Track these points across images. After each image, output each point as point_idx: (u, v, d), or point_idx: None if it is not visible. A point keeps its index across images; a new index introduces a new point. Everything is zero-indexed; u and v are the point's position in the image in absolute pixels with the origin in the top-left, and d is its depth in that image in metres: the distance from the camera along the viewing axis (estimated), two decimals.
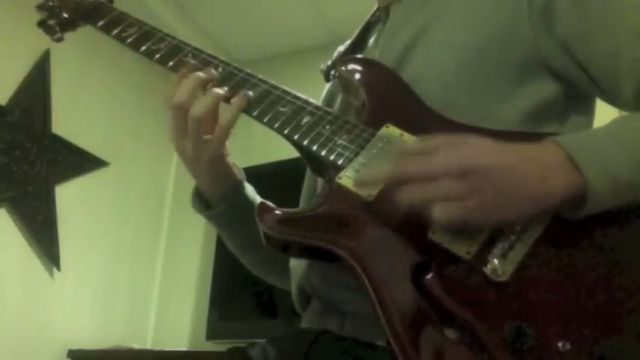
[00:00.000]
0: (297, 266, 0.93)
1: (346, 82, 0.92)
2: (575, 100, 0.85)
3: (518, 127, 0.81)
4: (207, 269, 2.96)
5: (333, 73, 1.01)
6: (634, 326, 0.62)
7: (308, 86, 1.03)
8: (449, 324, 0.63)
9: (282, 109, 0.87)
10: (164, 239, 3.22)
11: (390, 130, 0.80)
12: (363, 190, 0.75)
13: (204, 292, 2.92)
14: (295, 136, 0.84)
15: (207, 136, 0.88)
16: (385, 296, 0.66)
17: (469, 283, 0.66)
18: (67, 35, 1.12)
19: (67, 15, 1.09)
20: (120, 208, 2.98)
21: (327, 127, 0.83)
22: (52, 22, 1.10)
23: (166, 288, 3.12)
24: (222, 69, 0.94)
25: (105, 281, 2.85)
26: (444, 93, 0.84)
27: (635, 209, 0.68)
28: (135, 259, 3.03)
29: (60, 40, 1.12)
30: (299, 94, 0.90)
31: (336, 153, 0.80)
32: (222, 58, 0.96)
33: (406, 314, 0.65)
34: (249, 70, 0.94)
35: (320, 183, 0.97)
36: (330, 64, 1.02)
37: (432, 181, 0.63)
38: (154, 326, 3.06)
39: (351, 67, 0.92)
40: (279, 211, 0.77)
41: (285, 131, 0.85)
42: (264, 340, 0.90)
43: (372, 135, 0.80)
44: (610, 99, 0.82)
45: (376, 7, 1.04)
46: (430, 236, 0.68)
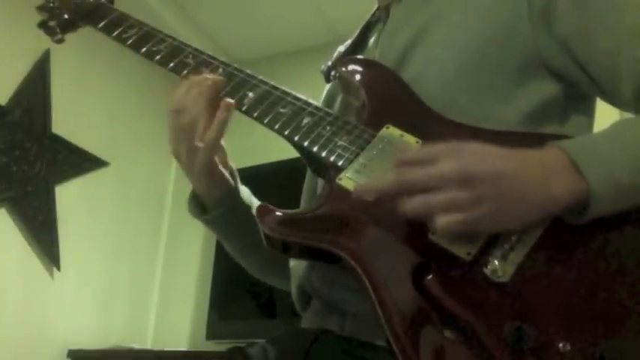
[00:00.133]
0: (298, 266, 0.93)
1: (346, 83, 0.92)
2: (576, 100, 0.85)
3: (518, 127, 0.80)
4: (207, 269, 2.96)
5: (333, 73, 1.01)
6: (634, 327, 0.62)
7: (308, 86, 1.03)
8: (449, 325, 0.63)
9: (282, 110, 0.87)
10: (164, 239, 3.21)
11: (391, 131, 0.80)
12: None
13: (204, 292, 2.92)
14: (295, 137, 0.84)
15: (200, 144, 0.88)
16: (385, 297, 0.66)
17: (469, 284, 0.66)
18: (68, 36, 1.12)
19: (67, 16, 1.09)
20: (120, 208, 2.98)
21: (328, 128, 0.83)
22: (52, 23, 1.11)
23: (166, 288, 3.12)
24: (222, 70, 0.94)
25: (105, 281, 2.85)
26: (444, 93, 0.84)
27: (635, 211, 0.68)
28: (135, 259, 3.03)
29: (61, 42, 1.12)
30: (299, 95, 0.90)
31: (337, 154, 0.80)
32: (222, 58, 0.97)
33: (406, 315, 0.65)
34: (249, 71, 0.94)
35: (320, 184, 0.97)
36: (331, 64, 1.02)
37: (433, 191, 0.63)
38: (154, 326, 3.06)
39: (351, 67, 0.92)
40: (279, 212, 0.77)
41: (286, 132, 0.85)
42: (264, 340, 0.90)
43: (373, 136, 0.80)
44: (610, 99, 0.82)
45: (376, 7, 1.04)
46: (430, 237, 0.68)
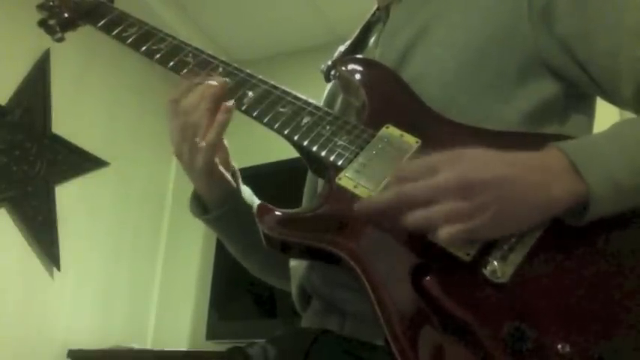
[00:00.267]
0: (298, 266, 0.93)
1: (346, 83, 0.92)
2: (576, 100, 0.85)
3: (518, 127, 0.80)
4: (207, 269, 2.96)
5: (333, 73, 1.01)
6: (633, 328, 0.62)
7: (308, 86, 1.03)
8: (448, 325, 0.63)
9: (282, 109, 0.87)
10: (164, 239, 3.21)
11: (390, 131, 0.80)
12: (361, 190, 0.75)
13: (204, 292, 2.92)
14: (295, 137, 0.84)
15: (202, 144, 0.87)
16: (384, 297, 0.65)
17: (468, 284, 0.66)
18: (68, 35, 1.12)
19: (67, 15, 1.09)
20: (120, 208, 2.98)
21: (327, 127, 0.83)
22: (52, 22, 1.11)
23: (166, 288, 3.12)
24: (222, 69, 0.94)
25: (105, 281, 2.85)
26: (444, 93, 0.84)
27: (635, 212, 0.67)
28: (135, 259, 3.03)
29: (61, 40, 1.12)
30: (299, 94, 0.90)
31: (336, 154, 0.80)
32: (223, 58, 0.97)
33: (405, 315, 0.65)
34: (249, 71, 0.94)
35: (321, 183, 0.97)
36: (331, 64, 1.02)
37: (434, 203, 0.63)
38: (154, 326, 3.06)
39: (351, 67, 0.92)
40: (278, 212, 0.77)
41: (285, 132, 0.85)
42: (264, 340, 0.90)
43: (372, 136, 0.80)
44: (611, 98, 0.82)
45: (376, 7, 1.04)
46: (430, 238, 0.68)
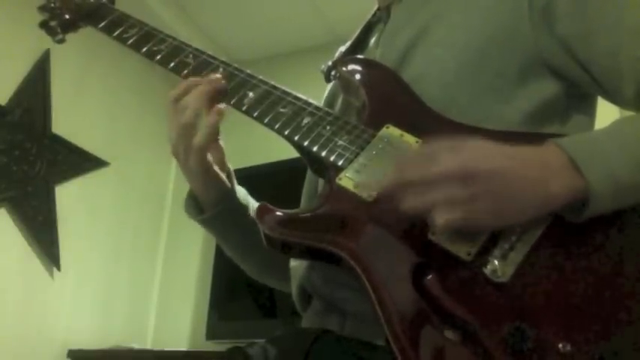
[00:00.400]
0: (298, 266, 0.93)
1: (347, 83, 0.92)
2: (577, 100, 0.85)
3: (519, 127, 0.80)
4: (207, 269, 2.96)
5: (333, 73, 1.01)
6: (634, 327, 0.62)
7: (308, 86, 1.03)
8: (449, 325, 0.63)
9: (282, 110, 0.87)
10: (164, 239, 3.21)
11: (391, 131, 0.80)
12: (363, 192, 0.75)
13: (204, 292, 2.92)
14: (295, 137, 0.84)
15: (194, 144, 0.87)
16: (385, 297, 0.66)
17: (469, 284, 0.66)
18: (68, 36, 1.12)
19: (68, 16, 1.09)
20: (120, 208, 2.98)
21: (328, 127, 0.83)
22: (53, 23, 1.10)
23: (166, 288, 3.12)
24: (222, 70, 0.94)
25: (105, 281, 2.85)
26: (444, 93, 0.84)
27: (636, 211, 0.68)
28: (135, 259, 3.03)
29: (62, 42, 1.12)
30: (299, 94, 0.90)
31: (337, 154, 0.80)
32: (223, 58, 0.97)
33: (406, 315, 0.65)
34: (249, 71, 0.94)
35: (321, 184, 0.97)
36: (331, 64, 1.02)
37: (432, 187, 0.63)
38: (154, 326, 3.06)
39: (352, 67, 0.92)
40: (279, 212, 0.77)
41: (286, 132, 0.85)
42: (264, 340, 0.90)
43: (373, 136, 0.80)
44: (612, 98, 0.82)
45: (377, 7, 1.04)
46: (430, 237, 0.68)
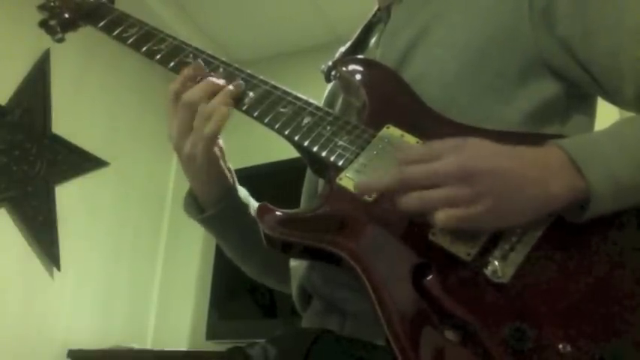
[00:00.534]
0: (298, 266, 0.93)
1: (347, 83, 0.92)
2: (577, 100, 0.85)
3: (519, 127, 0.80)
4: (207, 269, 2.96)
5: (333, 73, 1.01)
6: (634, 328, 0.62)
7: (308, 86, 1.03)
8: (449, 325, 0.63)
9: (282, 109, 0.87)
10: (164, 239, 3.21)
11: (391, 131, 0.80)
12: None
13: (204, 291, 2.92)
14: (296, 137, 0.84)
15: (203, 134, 0.87)
16: (385, 297, 0.65)
17: (469, 284, 0.66)
18: (68, 36, 1.12)
19: (68, 15, 1.09)
20: (120, 208, 2.98)
21: (328, 127, 0.83)
22: (53, 23, 1.10)
23: (166, 288, 3.12)
24: (222, 69, 0.94)
25: (105, 281, 2.85)
26: (444, 93, 0.84)
27: (636, 211, 0.68)
28: (135, 259, 3.03)
29: (61, 41, 1.12)
30: (299, 94, 0.89)
31: (337, 154, 0.80)
32: (223, 58, 0.96)
33: (406, 315, 0.64)
34: (249, 71, 0.94)
35: (321, 183, 0.97)
36: (331, 64, 1.02)
37: (433, 187, 0.63)
38: (154, 326, 3.06)
39: (352, 67, 0.92)
40: (279, 212, 0.77)
41: (286, 132, 0.85)
42: (264, 340, 0.90)
43: (373, 136, 0.80)
44: (612, 99, 0.82)
45: (377, 7, 1.04)
46: (430, 237, 0.68)
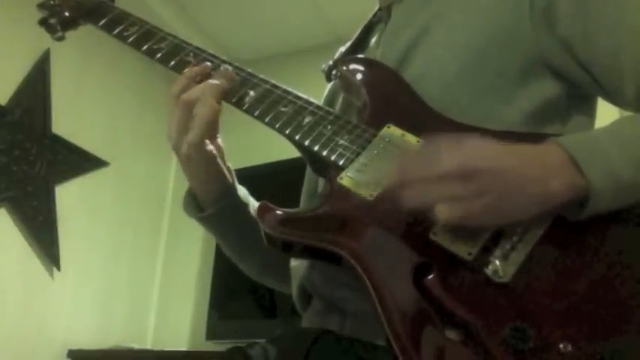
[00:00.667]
0: (299, 266, 0.93)
1: (347, 82, 0.92)
2: (578, 100, 0.85)
3: (519, 127, 0.80)
4: (207, 269, 2.96)
5: (334, 72, 1.01)
6: (635, 328, 0.62)
7: (309, 86, 1.03)
8: (450, 325, 0.63)
9: (283, 109, 0.87)
10: (164, 239, 3.21)
11: (392, 131, 0.80)
12: (363, 190, 0.74)
13: (204, 292, 2.92)
14: (296, 137, 0.84)
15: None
16: (386, 296, 0.65)
17: (470, 284, 0.66)
18: (68, 34, 1.12)
19: (68, 13, 1.09)
20: (120, 208, 2.98)
21: (329, 127, 0.83)
22: (53, 21, 1.10)
23: (166, 288, 3.12)
24: (222, 69, 0.94)
25: (105, 281, 2.85)
26: (444, 93, 0.84)
27: (637, 210, 0.68)
28: (135, 259, 3.03)
29: (61, 39, 1.12)
30: (300, 94, 0.89)
31: (338, 153, 0.80)
32: (223, 57, 0.96)
33: (407, 314, 0.64)
34: (250, 70, 0.94)
35: (321, 183, 0.96)
36: (332, 63, 1.02)
37: (433, 185, 0.63)
38: (154, 326, 3.06)
39: (353, 66, 0.91)
40: (280, 211, 0.77)
41: (287, 131, 0.85)
42: (264, 340, 0.90)
43: (374, 135, 0.80)
44: (612, 99, 0.82)
45: (377, 7, 1.04)
46: (431, 237, 0.68)
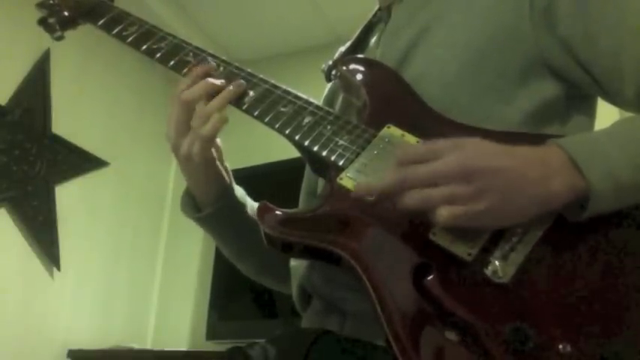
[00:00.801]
0: (298, 266, 0.93)
1: (347, 82, 0.92)
2: (577, 101, 0.85)
3: (519, 127, 0.80)
4: (207, 269, 2.96)
5: (334, 72, 1.01)
6: (635, 328, 0.62)
7: (308, 86, 1.03)
8: (449, 325, 0.63)
9: (283, 109, 0.87)
10: (164, 239, 3.21)
11: (392, 131, 0.80)
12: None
13: (204, 292, 2.92)
14: (296, 137, 0.84)
15: (202, 133, 0.86)
16: (386, 297, 0.65)
17: (470, 284, 0.66)
18: (67, 34, 1.12)
19: (67, 13, 1.09)
20: (120, 208, 2.98)
21: (329, 127, 0.83)
22: (52, 21, 1.10)
23: (166, 288, 3.12)
24: (222, 68, 0.94)
25: (105, 281, 2.84)
26: (445, 93, 0.84)
27: (637, 211, 0.68)
28: (135, 259, 3.03)
29: (60, 39, 1.12)
30: (300, 94, 0.89)
31: (337, 154, 0.80)
32: (223, 57, 0.96)
33: (406, 315, 0.64)
34: (250, 70, 0.94)
35: (320, 182, 0.96)
36: (332, 63, 1.02)
37: (433, 185, 0.63)
38: (154, 326, 3.05)
39: (353, 66, 0.91)
40: (279, 212, 0.77)
41: (287, 131, 0.85)
42: (264, 340, 0.90)
43: (374, 135, 0.80)
44: (613, 99, 0.82)
45: (377, 7, 1.04)
46: (431, 237, 0.68)
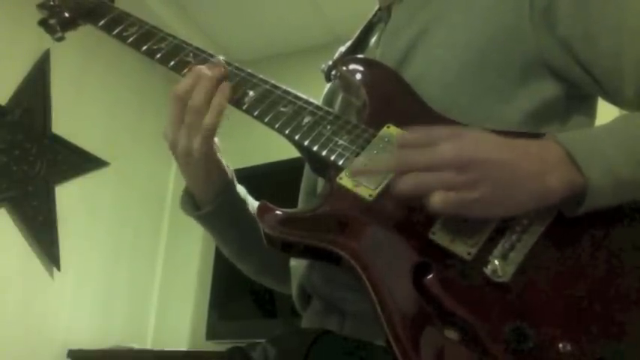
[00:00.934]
0: (298, 266, 0.93)
1: (347, 82, 0.92)
2: (577, 101, 0.85)
3: (519, 127, 0.80)
4: (207, 269, 2.96)
5: (334, 72, 1.01)
6: (635, 328, 0.62)
7: (308, 86, 1.03)
8: (449, 325, 0.63)
9: (282, 109, 0.87)
10: (164, 239, 3.21)
11: (391, 131, 0.80)
12: (361, 189, 0.74)
13: (204, 291, 2.92)
14: (296, 137, 0.84)
15: (201, 127, 0.86)
16: (385, 296, 0.65)
17: (470, 283, 0.66)
18: (68, 34, 1.12)
19: (67, 14, 1.09)
20: (120, 208, 2.98)
21: (328, 127, 0.83)
22: (52, 21, 1.10)
23: (166, 288, 3.12)
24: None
25: (105, 281, 2.84)
26: (445, 93, 0.84)
27: (636, 209, 0.68)
28: (135, 259, 3.03)
29: (61, 40, 1.12)
30: (300, 94, 0.89)
31: (337, 153, 0.80)
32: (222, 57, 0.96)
33: (406, 315, 0.64)
34: (250, 70, 0.94)
35: (320, 182, 0.97)
36: (331, 63, 1.02)
37: (430, 171, 0.64)
38: (154, 326, 3.06)
39: (352, 66, 0.91)
40: (279, 211, 0.77)
41: (286, 131, 0.85)
42: (264, 340, 0.90)
43: (373, 135, 0.80)
44: (612, 99, 0.82)
45: (377, 7, 1.04)
46: (431, 237, 0.68)
